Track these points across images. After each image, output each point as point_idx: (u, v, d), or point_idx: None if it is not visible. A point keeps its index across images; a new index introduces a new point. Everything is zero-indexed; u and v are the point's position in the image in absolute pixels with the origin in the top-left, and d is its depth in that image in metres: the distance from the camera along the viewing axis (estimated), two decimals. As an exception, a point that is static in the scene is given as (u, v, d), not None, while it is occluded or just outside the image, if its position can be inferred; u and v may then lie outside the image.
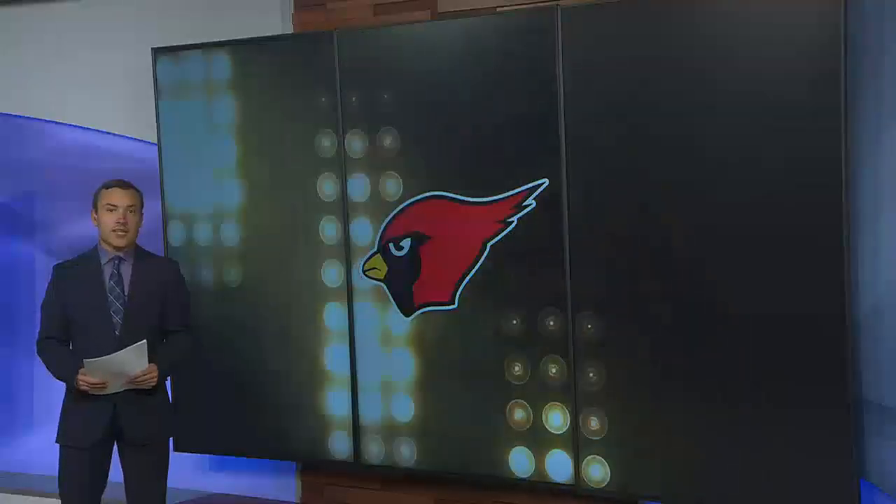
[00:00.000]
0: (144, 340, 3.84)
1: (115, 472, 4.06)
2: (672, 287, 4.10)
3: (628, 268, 4.18)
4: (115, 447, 4.07)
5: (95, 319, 3.92)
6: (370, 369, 4.76)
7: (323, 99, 4.74)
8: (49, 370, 4.01)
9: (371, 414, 4.78)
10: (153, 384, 3.90)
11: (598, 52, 4.19)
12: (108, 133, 5.60)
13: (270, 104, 4.88)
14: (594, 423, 4.29)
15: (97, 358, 3.82)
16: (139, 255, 4.05)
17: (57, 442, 4.02)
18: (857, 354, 3.83)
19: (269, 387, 4.97)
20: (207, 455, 5.32)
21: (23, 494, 5.50)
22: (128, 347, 3.83)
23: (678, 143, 4.06)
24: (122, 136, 5.56)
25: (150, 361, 3.89)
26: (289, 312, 4.91)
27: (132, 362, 3.84)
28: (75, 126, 5.68)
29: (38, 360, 4.12)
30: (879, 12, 3.75)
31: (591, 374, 4.29)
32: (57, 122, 5.72)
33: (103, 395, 3.88)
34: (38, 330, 4.12)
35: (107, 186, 4.03)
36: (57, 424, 4.05)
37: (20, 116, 5.80)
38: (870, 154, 3.82)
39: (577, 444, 4.33)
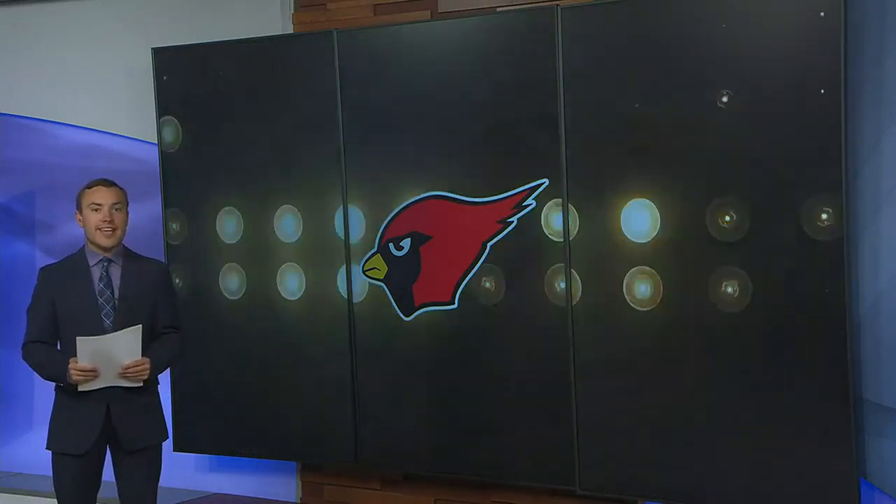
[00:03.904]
0: (140, 325, 3.80)
1: (107, 473, 4.05)
2: (672, 286, 4.10)
3: (628, 267, 4.18)
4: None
5: (85, 322, 3.86)
6: (370, 369, 4.76)
7: (323, 98, 4.74)
8: (38, 372, 3.93)
9: (371, 414, 4.77)
10: (145, 378, 3.86)
11: (598, 52, 4.19)
12: (109, 133, 5.60)
13: (270, 104, 4.88)
14: (594, 422, 4.29)
15: (91, 336, 3.77)
16: (128, 256, 3.99)
17: (49, 449, 3.94)
18: (857, 354, 3.83)
19: (269, 387, 4.97)
20: (207, 455, 5.32)
21: (23, 494, 5.50)
22: (122, 330, 3.79)
23: (678, 142, 4.06)
24: (122, 136, 5.56)
25: (143, 356, 3.85)
26: (289, 312, 4.90)
27: (125, 347, 3.77)
28: (75, 126, 5.68)
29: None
30: (879, 12, 3.75)
31: (590, 374, 4.28)
32: (57, 122, 5.72)
33: (95, 396, 3.81)
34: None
35: (89, 186, 3.96)
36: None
37: (20, 116, 5.80)
38: (870, 154, 3.82)
39: (577, 444, 4.33)
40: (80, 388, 3.82)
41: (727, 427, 4.02)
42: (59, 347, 3.96)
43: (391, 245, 4.67)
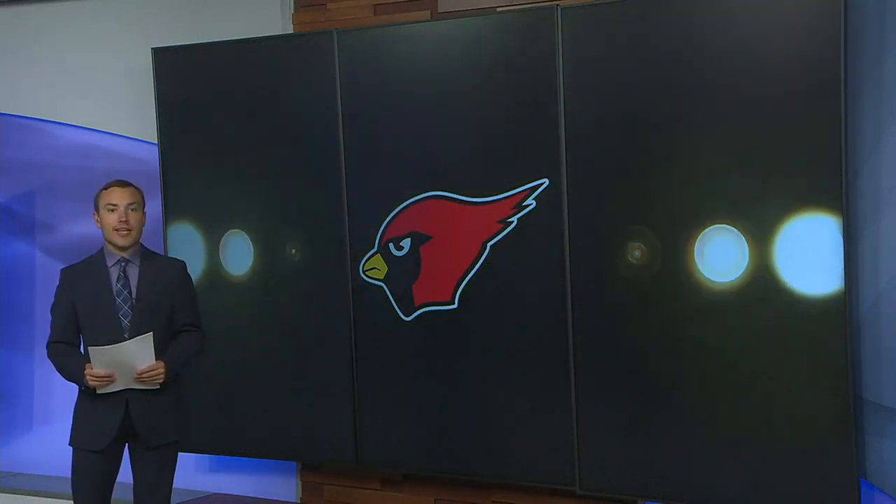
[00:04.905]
0: (150, 332, 3.84)
1: (123, 474, 4.07)
2: (672, 286, 4.10)
3: (628, 268, 4.18)
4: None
5: (104, 322, 3.92)
6: (370, 369, 4.76)
7: (323, 98, 4.74)
8: (60, 372, 4.02)
9: (371, 414, 4.77)
10: (160, 381, 3.90)
11: (598, 52, 4.19)
12: (109, 133, 5.60)
13: (270, 104, 4.88)
14: (594, 422, 4.29)
15: (102, 346, 3.82)
16: (145, 256, 4.04)
17: (70, 445, 4.01)
18: (857, 354, 3.83)
19: (269, 387, 4.97)
20: (207, 455, 5.32)
21: (23, 494, 5.50)
22: (133, 338, 3.84)
23: (678, 143, 4.06)
24: (122, 136, 5.56)
25: (158, 359, 3.89)
26: (290, 312, 4.91)
27: (138, 354, 3.83)
28: (75, 126, 5.68)
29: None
30: (879, 12, 3.75)
31: (590, 374, 4.28)
32: (57, 122, 5.72)
33: (114, 394, 3.87)
34: (47, 334, 4.10)
35: (106, 187, 4.04)
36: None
37: (20, 116, 5.80)
38: (870, 154, 3.82)
39: (577, 444, 4.33)
40: (99, 391, 3.89)
41: (727, 427, 4.02)
42: (82, 346, 4.03)
43: (391, 245, 4.67)
